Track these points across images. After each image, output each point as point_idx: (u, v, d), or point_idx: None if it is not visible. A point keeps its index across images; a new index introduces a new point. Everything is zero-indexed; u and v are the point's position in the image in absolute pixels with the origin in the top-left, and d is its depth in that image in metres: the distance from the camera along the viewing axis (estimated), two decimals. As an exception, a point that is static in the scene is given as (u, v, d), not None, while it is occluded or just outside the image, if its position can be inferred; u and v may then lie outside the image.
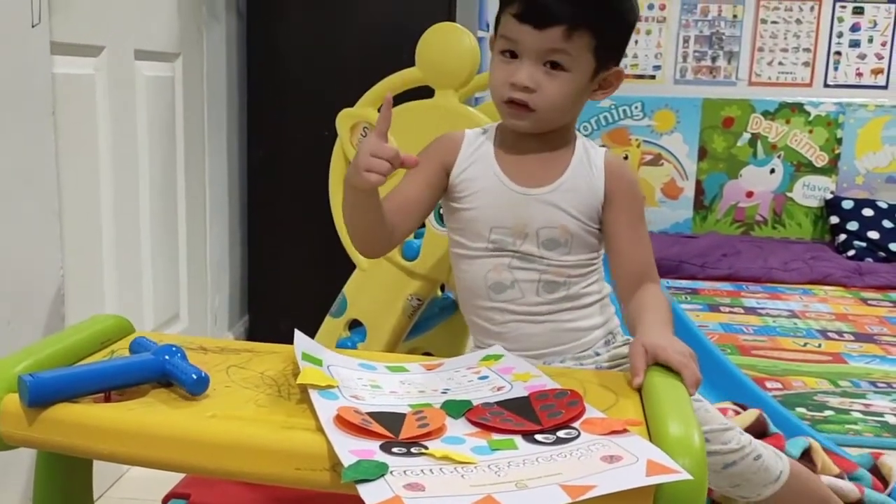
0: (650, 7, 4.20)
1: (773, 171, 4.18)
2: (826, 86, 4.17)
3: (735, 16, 4.18)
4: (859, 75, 4.16)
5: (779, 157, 4.16)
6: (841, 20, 4.14)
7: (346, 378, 0.89)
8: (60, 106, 1.41)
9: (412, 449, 0.75)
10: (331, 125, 1.59)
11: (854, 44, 4.15)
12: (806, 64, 4.18)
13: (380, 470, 0.70)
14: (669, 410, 0.80)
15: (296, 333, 0.97)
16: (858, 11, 4.12)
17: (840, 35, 4.15)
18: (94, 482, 1.01)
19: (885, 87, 4.14)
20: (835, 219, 4.00)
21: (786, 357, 2.54)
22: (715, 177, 4.20)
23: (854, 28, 4.13)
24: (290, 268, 2.30)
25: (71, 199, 1.46)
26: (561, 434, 0.79)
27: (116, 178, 1.63)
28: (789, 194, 4.17)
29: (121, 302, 1.65)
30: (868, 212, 3.93)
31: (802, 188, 4.16)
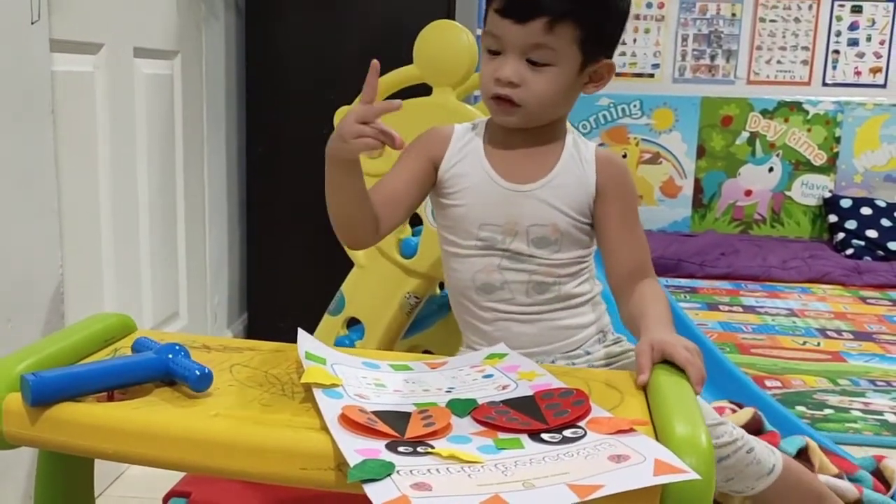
0: (649, 6, 4.20)
1: (772, 170, 4.18)
2: (824, 84, 4.17)
3: (734, 14, 4.18)
4: (858, 74, 4.16)
5: (777, 156, 4.17)
6: (839, 19, 4.14)
7: (351, 377, 0.89)
8: (59, 103, 1.41)
9: (418, 448, 0.74)
10: (330, 123, 1.59)
11: (852, 42, 4.15)
12: (804, 62, 4.18)
13: (386, 469, 0.70)
14: (675, 409, 0.80)
15: (299, 332, 0.96)
16: (857, 10, 4.12)
17: (838, 34, 4.15)
18: (95, 480, 1.00)
19: (884, 86, 4.15)
20: (833, 217, 4.00)
21: (785, 356, 2.54)
22: (713, 175, 4.20)
23: (853, 27, 4.14)
24: (290, 265, 2.30)
25: (70, 197, 1.46)
26: (567, 433, 0.78)
27: (115, 176, 1.63)
28: (788, 193, 4.18)
29: (120, 300, 1.65)
30: (866, 210, 3.94)
31: (801, 187, 4.17)
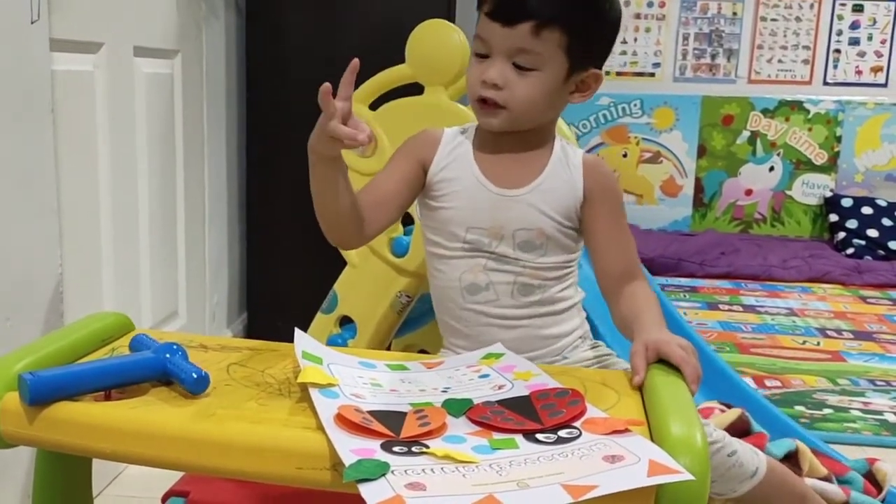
0: (650, 4, 4.19)
1: (773, 169, 4.18)
2: (825, 84, 4.17)
3: (735, 13, 4.18)
4: (859, 73, 4.15)
5: (778, 155, 4.16)
6: (841, 18, 4.13)
7: (347, 376, 0.89)
8: (59, 103, 1.41)
9: (413, 448, 0.75)
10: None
11: (854, 41, 4.14)
12: (805, 62, 4.18)
13: (381, 469, 0.70)
14: (671, 409, 0.80)
15: (296, 332, 0.97)
16: (858, 9, 4.12)
17: (840, 33, 4.14)
18: (93, 480, 1.00)
19: (885, 85, 4.14)
20: (834, 217, 4.00)
21: (785, 355, 2.54)
22: (714, 174, 4.20)
23: (854, 26, 4.13)
24: (289, 265, 2.30)
25: (69, 197, 1.46)
26: (562, 433, 0.78)
27: (115, 176, 1.63)
28: (788, 192, 4.17)
29: (119, 299, 1.65)
30: (867, 210, 3.93)
31: (802, 186, 4.16)
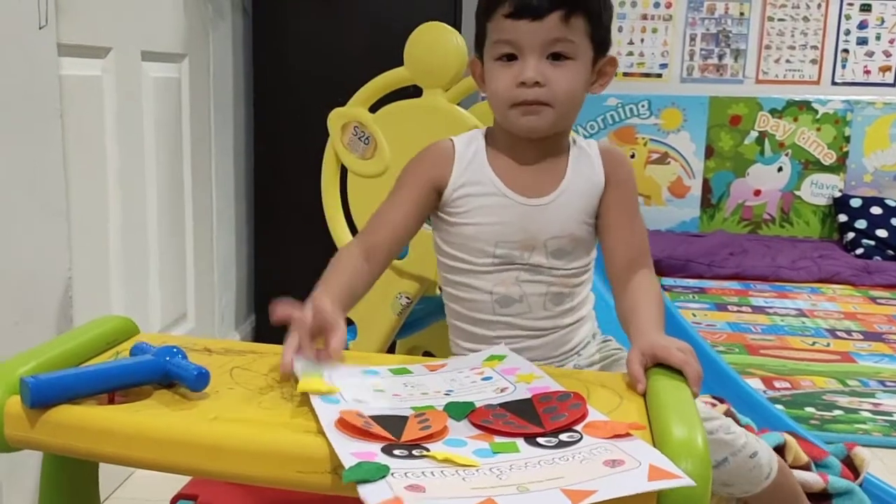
0: (656, 5, 4.19)
1: (781, 170, 4.16)
2: (834, 83, 4.15)
3: (742, 13, 4.17)
4: (867, 73, 4.14)
5: (786, 156, 4.15)
6: (848, 17, 4.11)
7: (348, 385, 0.89)
8: (67, 107, 1.42)
9: (413, 451, 0.75)
10: (338, 126, 1.59)
11: (862, 41, 4.12)
12: (813, 61, 4.16)
13: (381, 472, 0.70)
14: (673, 413, 0.80)
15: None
16: (866, 9, 4.10)
17: (848, 32, 4.13)
18: (102, 482, 1.01)
19: (893, 85, 4.12)
20: (843, 217, 3.98)
21: (794, 356, 2.53)
22: (722, 175, 4.19)
23: (862, 25, 4.11)
24: (297, 267, 2.29)
25: (78, 200, 1.47)
26: (563, 437, 0.78)
27: (123, 179, 1.64)
28: (797, 192, 4.16)
29: (128, 301, 1.66)
30: (876, 210, 3.91)
31: (810, 186, 4.15)
